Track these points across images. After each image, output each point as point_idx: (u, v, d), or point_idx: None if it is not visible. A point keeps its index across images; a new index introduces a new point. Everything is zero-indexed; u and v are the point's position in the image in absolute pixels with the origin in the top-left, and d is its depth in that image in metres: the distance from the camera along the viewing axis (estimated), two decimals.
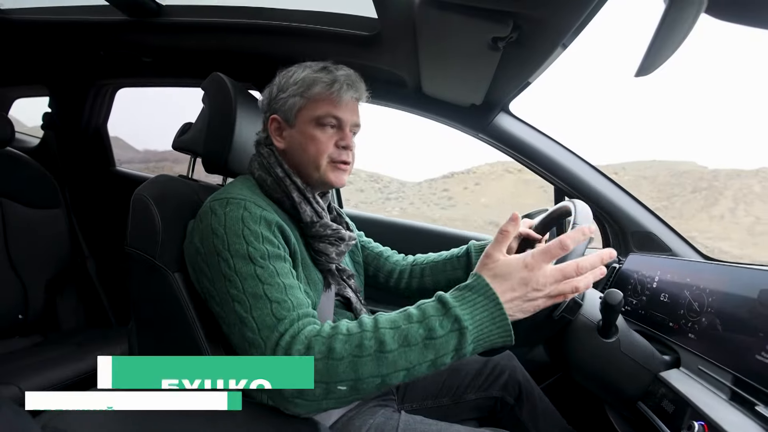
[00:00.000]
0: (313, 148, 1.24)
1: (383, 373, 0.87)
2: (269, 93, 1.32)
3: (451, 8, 1.09)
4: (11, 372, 1.75)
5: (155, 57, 2.16)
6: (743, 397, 0.94)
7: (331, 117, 1.25)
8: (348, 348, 0.88)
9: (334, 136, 1.26)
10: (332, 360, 0.88)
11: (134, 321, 1.29)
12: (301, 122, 1.26)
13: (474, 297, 0.89)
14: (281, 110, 1.27)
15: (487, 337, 0.88)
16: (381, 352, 0.87)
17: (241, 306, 0.98)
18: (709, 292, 1.17)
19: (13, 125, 2.20)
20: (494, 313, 0.88)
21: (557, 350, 1.24)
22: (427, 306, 0.92)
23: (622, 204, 1.89)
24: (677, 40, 0.67)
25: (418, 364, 0.87)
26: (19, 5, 2.00)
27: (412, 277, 1.68)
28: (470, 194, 12.60)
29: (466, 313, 0.87)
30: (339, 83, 1.24)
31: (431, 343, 0.86)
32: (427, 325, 0.88)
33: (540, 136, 1.94)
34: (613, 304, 1.06)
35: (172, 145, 1.53)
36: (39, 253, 2.28)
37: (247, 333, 0.96)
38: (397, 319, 0.92)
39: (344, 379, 0.87)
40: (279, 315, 0.96)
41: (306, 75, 1.26)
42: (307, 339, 0.92)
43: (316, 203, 1.28)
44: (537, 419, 1.49)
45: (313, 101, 1.25)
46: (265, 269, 1.01)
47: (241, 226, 1.05)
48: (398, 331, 0.89)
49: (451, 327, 0.87)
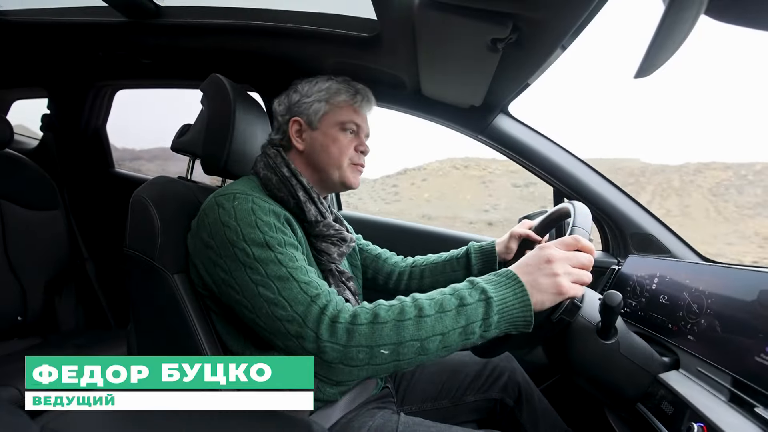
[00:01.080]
0: (335, 150, 1.35)
1: (422, 337, 0.94)
2: (289, 98, 1.40)
3: (450, 9, 1.09)
4: (10, 374, 1.75)
5: (154, 58, 2.16)
6: (742, 399, 0.94)
7: (353, 123, 1.38)
8: (391, 314, 0.97)
9: (354, 141, 1.39)
10: (377, 324, 0.95)
11: (133, 322, 1.29)
12: (324, 125, 1.36)
13: (497, 278, 1.00)
14: (304, 113, 1.36)
15: (510, 310, 0.96)
16: (420, 317, 0.95)
17: (267, 289, 1.02)
18: (708, 293, 1.17)
19: (11, 127, 2.20)
20: (516, 290, 0.96)
21: (556, 352, 1.24)
22: (458, 284, 1.02)
23: (621, 206, 1.89)
24: (677, 41, 0.67)
25: (452, 329, 0.94)
26: (17, 7, 1.99)
27: (411, 279, 1.69)
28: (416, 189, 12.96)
29: (491, 287, 0.98)
30: (361, 95, 1.40)
31: (463, 309, 0.95)
32: (459, 295, 0.97)
33: (539, 137, 1.94)
34: (612, 306, 1.06)
35: (170, 146, 1.53)
36: (38, 254, 2.27)
37: (279, 311, 1.00)
38: (432, 293, 1.02)
39: (387, 342, 0.94)
40: (311, 293, 1.02)
41: (330, 84, 1.39)
42: (352, 309, 1.00)
43: (320, 203, 1.32)
44: (536, 421, 1.49)
45: (338, 107, 1.37)
46: (285, 255, 1.06)
47: (253, 217, 1.09)
48: (434, 300, 0.98)
49: (479, 297, 0.96)
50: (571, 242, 1.02)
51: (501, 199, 12.27)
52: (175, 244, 1.21)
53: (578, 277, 0.99)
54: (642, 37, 0.68)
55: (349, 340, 0.94)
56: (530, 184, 12.52)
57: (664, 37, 0.65)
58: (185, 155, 1.53)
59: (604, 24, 1.27)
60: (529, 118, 1.93)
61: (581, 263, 1.00)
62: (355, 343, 0.94)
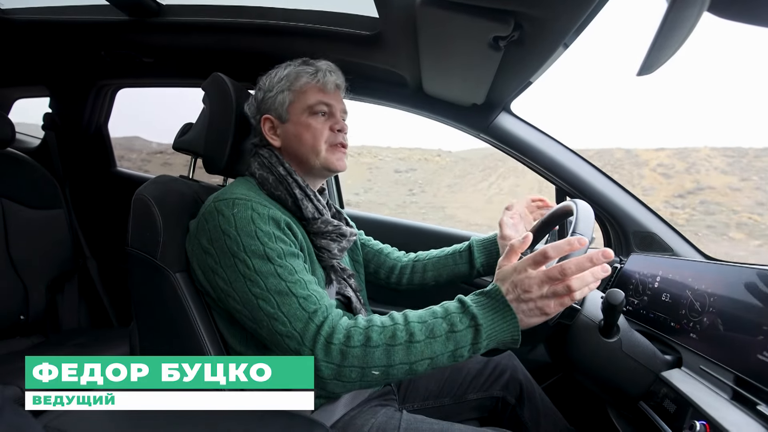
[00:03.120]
0: (309, 136, 1.32)
1: (411, 361, 0.97)
2: (255, 98, 1.39)
3: (452, 7, 1.09)
4: (12, 372, 1.75)
5: (156, 57, 2.16)
6: (745, 397, 0.94)
7: (322, 104, 1.33)
8: (383, 338, 0.98)
9: (327, 122, 1.35)
10: (369, 347, 0.97)
11: (136, 321, 1.29)
12: (293, 114, 1.33)
13: (486, 300, 1.00)
14: (272, 109, 1.34)
15: (498, 333, 0.97)
16: (410, 342, 0.97)
17: (267, 303, 1.03)
18: (710, 291, 1.17)
19: (13, 126, 2.20)
20: (505, 313, 0.97)
21: (559, 350, 1.24)
22: (450, 305, 1.03)
23: (624, 204, 1.88)
24: (680, 38, 0.67)
25: (441, 354, 0.97)
26: (19, 5, 1.99)
27: (413, 273, 1.69)
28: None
29: (481, 312, 0.98)
30: (322, 71, 1.35)
31: (452, 336, 0.97)
32: (449, 320, 0.98)
33: (541, 135, 1.94)
34: (614, 304, 1.05)
35: (172, 145, 1.53)
36: (40, 253, 2.28)
37: (279, 327, 1.02)
38: (423, 315, 1.02)
39: (378, 364, 0.97)
40: (309, 309, 1.03)
41: (289, 71, 1.36)
42: (345, 329, 1.01)
43: (317, 200, 1.31)
44: (538, 419, 1.49)
45: (302, 92, 1.33)
46: (284, 268, 1.07)
47: (252, 227, 1.09)
48: (425, 325, 0.99)
49: (469, 323, 0.97)
50: (540, 259, 0.96)
51: (377, 183, 13.54)
52: (177, 242, 1.21)
53: (559, 294, 0.94)
54: (645, 34, 0.68)
55: (342, 360, 0.97)
56: (410, 170, 13.35)
57: (666, 34, 0.65)
58: (187, 154, 1.53)
59: (606, 22, 1.27)
60: (526, 114, 1.93)
61: (554, 278, 0.94)
62: (348, 364, 0.97)
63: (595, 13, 1.10)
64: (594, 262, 0.93)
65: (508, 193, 15.14)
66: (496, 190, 15.31)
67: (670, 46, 0.68)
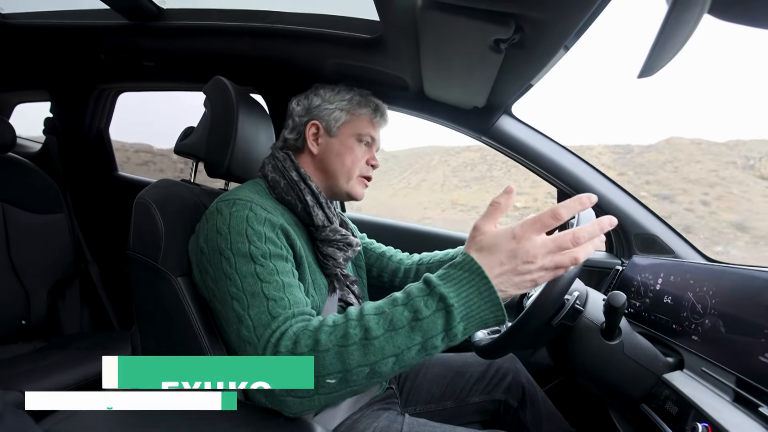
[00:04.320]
0: (349, 159, 1.37)
1: (371, 361, 0.86)
2: (309, 100, 1.40)
3: (452, 10, 1.09)
4: (15, 377, 1.75)
5: (156, 61, 2.16)
6: (747, 399, 0.94)
7: (369, 136, 1.40)
8: (333, 339, 0.88)
9: (367, 153, 1.42)
10: (318, 352, 0.87)
11: (137, 325, 1.29)
12: (343, 134, 1.38)
13: (459, 274, 0.86)
14: (324, 119, 1.37)
15: (476, 314, 0.85)
16: (366, 340, 0.86)
17: (239, 304, 0.99)
18: (712, 294, 1.17)
19: (14, 130, 2.20)
20: (481, 288, 0.84)
21: (560, 353, 1.24)
22: (412, 288, 0.90)
23: (625, 206, 1.88)
24: (680, 40, 0.67)
25: (406, 348, 0.85)
26: (19, 10, 2.00)
27: (418, 276, 1.68)
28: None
29: (452, 290, 0.85)
30: (381, 112, 1.44)
31: (417, 324, 0.84)
32: (412, 307, 0.86)
33: (542, 138, 1.94)
34: (616, 307, 1.05)
35: (174, 149, 1.53)
36: (42, 258, 2.28)
37: (243, 331, 0.96)
38: (381, 305, 0.91)
39: (332, 371, 0.86)
40: (274, 313, 0.96)
41: (354, 95, 1.42)
42: (294, 335, 0.92)
43: (328, 208, 1.31)
44: (540, 422, 1.49)
45: (358, 119, 1.39)
46: (265, 267, 1.02)
47: (244, 225, 1.07)
48: (383, 317, 0.88)
49: (437, 306, 0.84)
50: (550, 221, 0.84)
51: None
52: (179, 246, 1.21)
53: (557, 264, 0.84)
54: (645, 36, 0.68)
55: None
56: None
57: (667, 36, 0.65)
58: (188, 158, 1.53)
59: (608, 24, 1.27)
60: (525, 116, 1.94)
61: (563, 246, 0.83)
62: None
63: (595, 15, 1.10)
64: (603, 229, 0.86)
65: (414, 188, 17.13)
66: (404, 185, 17.44)
67: (671, 48, 0.68)
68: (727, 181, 13.33)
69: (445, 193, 17.28)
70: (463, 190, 17.07)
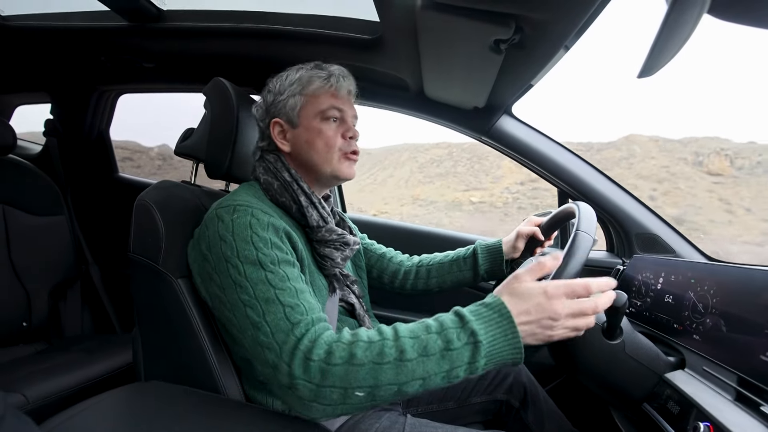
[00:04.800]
0: (321, 143, 1.28)
1: (401, 381, 0.88)
2: (264, 100, 1.34)
3: (452, 11, 1.09)
4: (16, 379, 1.75)
5: (157, 62, 2.16)
6: (748, 398, 0.94)
7: (334, 109, 1.29)
8: (369, 355, 0.90)
9: (340, 128, 1.31)
10: (353, 366, 0.89)
11: (138, 327, 1.29)
12: (305, 119, 1.29)
13: (490, 314, 0.92)
14: (282, 113, 1.29)
15: (498, 353, 0.90)
16: (401, 361, 0.88)
17: (253, 311, 0.98)
18: (713, 293, 1.17)
19: (14, 132, 2.20)
20: (507, 331, 0.90)
21: (562, 352, 1.24)
22: (445, 318, 0.94)
23: (626, 206, 1.88)
24: (680, 40, 0.67)
25: (434, 374, 0.89)
26: (19, 12, 2.00)
27: (417, 278, 1.69)
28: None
29: (482, 327, 0.90)
30: (335, 76, 1.30)
31: (448, 354, 0.89)
32: (445, 337, 0.90)
33: (543, 138, 1.94)
34: (617, 306, 1.05)
35: (174, 150, 1.53)
36: (42, 260, 2.28)
37: (261, 337, 0.96)
38: (416, 329, 0.93)
39: (363, 385, 0.88)
40: (293, 319, 0.96)
41: (301, 74, 1.31)
42: (327, 344, 0.93)
43: (321, 208, 1.29)
44: (542, 422, 1.49)
45: (314, 97, 1.29)
46: (276, 274, 1.02)
47: (249, 232, 1.06)
48: (418, 341, 0.90)
49: (467, 340, 0.89)
50: (581, 292, 0.94)
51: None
52: (180, 248, 1.21)
53: (575, 327, 0.94)
54: (645, 36, 0.68)
55: (322, 380, 0.89)
56: None
57: (667, 36, 0.65)
58: (189, 159, 1.53)
59: (607, 24, 1.27)
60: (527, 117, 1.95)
61: (583, 312, 0.93)
62: (328, 384, 0.89)
63: (595, 15, 1.11)
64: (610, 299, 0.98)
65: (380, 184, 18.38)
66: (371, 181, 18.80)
67: (671, 48, 0.68)
68: (676, 177, 14.71)
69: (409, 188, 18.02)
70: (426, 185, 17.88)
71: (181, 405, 1.04)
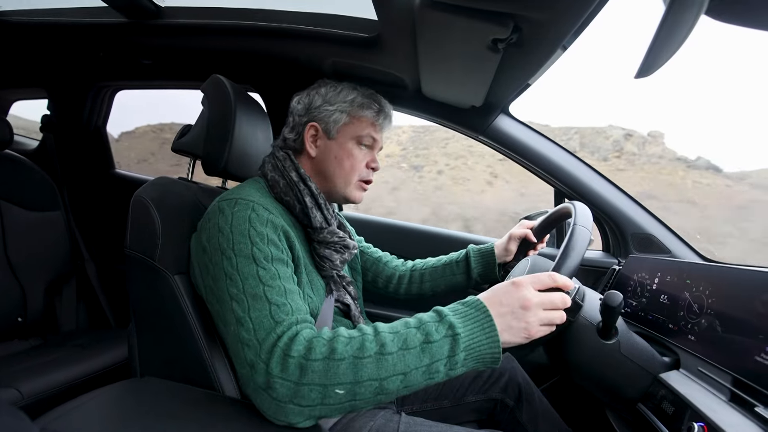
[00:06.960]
0: (348, 163, 1.33)
1: (382, 376, 0.87)
2: (309, 100, 1.36)
3: (451, 10, 1.09)
4: (10, 375, 1.75)
5: (154, 59, 2.16)
6: (743, 399, 0.94)
7: (370, 137, 1.36)
8: (350, 349, 0.89)
9: (367, 156, 1.38)
10: (333, 360, 0.88)
11: (134, 323, 1.29)
12: (342, 137, 1.34)
13: (466, 309, 0.95)
14: (323, 120, 1.33)
15: (477, 347, 0.91)
16: (381, 354, 0.88)
17: (239, 305, 0.97)
18: (708, 293, 1.17)
19: (11, 127, 2.19)
20: (484, 324, 0.92)
21: (557, 352, 1.24)
22: (424, 315, 0.97)
23: (622, 206, 1.89)
24: (677, 41, 0.67)
25: (414, 368, 0.89)
26: (17, 7, 1.99)
27: (411, 283, 1.71)
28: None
29: (459, 321, 0.92)
30: (384, 114, 1.38)
31: (428, 347, 0.89)
32: (424, 330, 0.91)
33: (539, 137, 1.95)
34: (613, 306, 1.05)
35: (171, 147, 1.53)
36: (38, 255, 2.27)
37: (242, 333, 0.95)
38: (395, 325, 0.95)
39: (343, 381, 0.87)
40: (277, 318, 0.95)
41: (356, 96, 1.36)
42: (307, 340, 0.92)
43: (326, 210, 1.30)
44: (537, 421, 1.49)
45: (359, 121, 1.34)
46: (267, 271, 1.02)
47: (247, 226, 1.06)
48: (398, 335, 0.92)
49: (446, 333, 0.91)
50: (548, 281, 0.99)
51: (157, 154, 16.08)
52: (176, 244, 1.21)
53: (549, 320, 0.96)
54: (642, 37, 0.68)
55: (301, 377, 0.87)
56: None
57: (664, 37, 0.65)
58: (186, 156, 1.53)
59: (605, 24, 1.27)
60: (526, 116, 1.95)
61: (554, 305, 0.97)
62: (307, 381, 0.87)
63: (593, 15, 1.10)
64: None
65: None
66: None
67: (668, 48, 0.68)
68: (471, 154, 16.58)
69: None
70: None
71: (176, 401, 1.04)
